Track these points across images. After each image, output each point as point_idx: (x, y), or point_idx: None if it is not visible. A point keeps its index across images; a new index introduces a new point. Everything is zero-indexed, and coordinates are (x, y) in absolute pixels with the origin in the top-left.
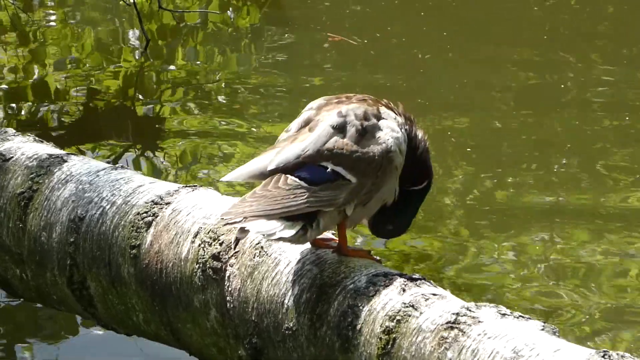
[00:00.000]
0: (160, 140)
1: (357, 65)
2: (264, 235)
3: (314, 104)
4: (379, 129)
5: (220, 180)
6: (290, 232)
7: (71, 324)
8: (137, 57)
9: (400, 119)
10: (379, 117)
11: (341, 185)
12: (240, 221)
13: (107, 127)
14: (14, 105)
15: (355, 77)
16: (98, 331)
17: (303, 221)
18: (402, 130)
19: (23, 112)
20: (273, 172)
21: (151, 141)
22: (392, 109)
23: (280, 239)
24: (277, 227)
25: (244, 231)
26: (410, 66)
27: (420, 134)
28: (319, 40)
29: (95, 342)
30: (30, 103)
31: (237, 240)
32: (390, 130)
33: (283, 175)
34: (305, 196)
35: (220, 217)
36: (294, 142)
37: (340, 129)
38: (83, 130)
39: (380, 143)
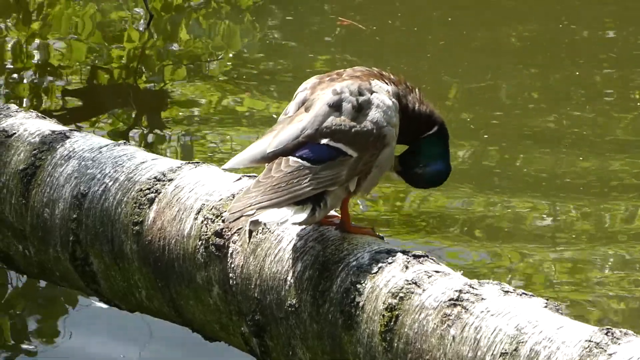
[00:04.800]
0: (164, 117)
1: (363, 50)
2: (277, 224)
3: (308, 83)
4: (372, 103)
5: (221, 168)
6: (303, 216)
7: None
8: (141, 30)
9: (392, 88)
10: (371, 91)
11: (342, 161)
12: (252, 214)
13: (110, 104)
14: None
15: (359, 61)
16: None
17: (311, 203)
18: (394, 99)
19: (25, 88)
20: (273, 155)
21: (155, 118)
22: (383, 79)
23: (293, 224)
24: (288, 214)
25: (257, 223)
26: (415, 52)
27: (411, 94)
28: (326, 23)
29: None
30: (32, 80)
31: (250, 233)
32: (381, 104)
33: (284, 158)
34: (309, 178)
35: (228, 212)
36: (292, 123)
37: (336, 107)
38: (86, 108)
39: (374, 118)
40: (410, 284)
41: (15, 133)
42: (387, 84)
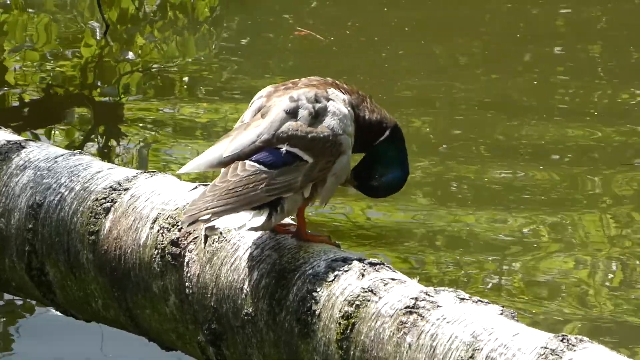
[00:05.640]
0: (120, 126)
1: (321, 60)
2: (234, 229)
3: (263, 92)
4: (329, 111)
5: (178, 172)
6: (260, 220)
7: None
8: (97, 38)
9: (347, 97)
10: (328, 99)
11: (298, 166)
12: (208, 219)
13: (66, 113)
14: None
15: (316, 71)
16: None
17: (268, 207)
18: (349, 108)
19: None
20: (230, 160)
21: (111, 127)
22: (339, 88)
23: (251, 229)
24: (246, 218)
25: (213, 229)
26: (374, 62)
27: (363, 103)
28: (284, 34)
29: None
30: None
31: (206, 238)
32: (338, 112)
33: (240, 162)
34: (265, 183)
35: (184, 216)
36: (248, 129)
37: (293, 113)
38: (41, 117)
39: (330, 125)
40: (366, 291)
41: None
42: (343, 93)
